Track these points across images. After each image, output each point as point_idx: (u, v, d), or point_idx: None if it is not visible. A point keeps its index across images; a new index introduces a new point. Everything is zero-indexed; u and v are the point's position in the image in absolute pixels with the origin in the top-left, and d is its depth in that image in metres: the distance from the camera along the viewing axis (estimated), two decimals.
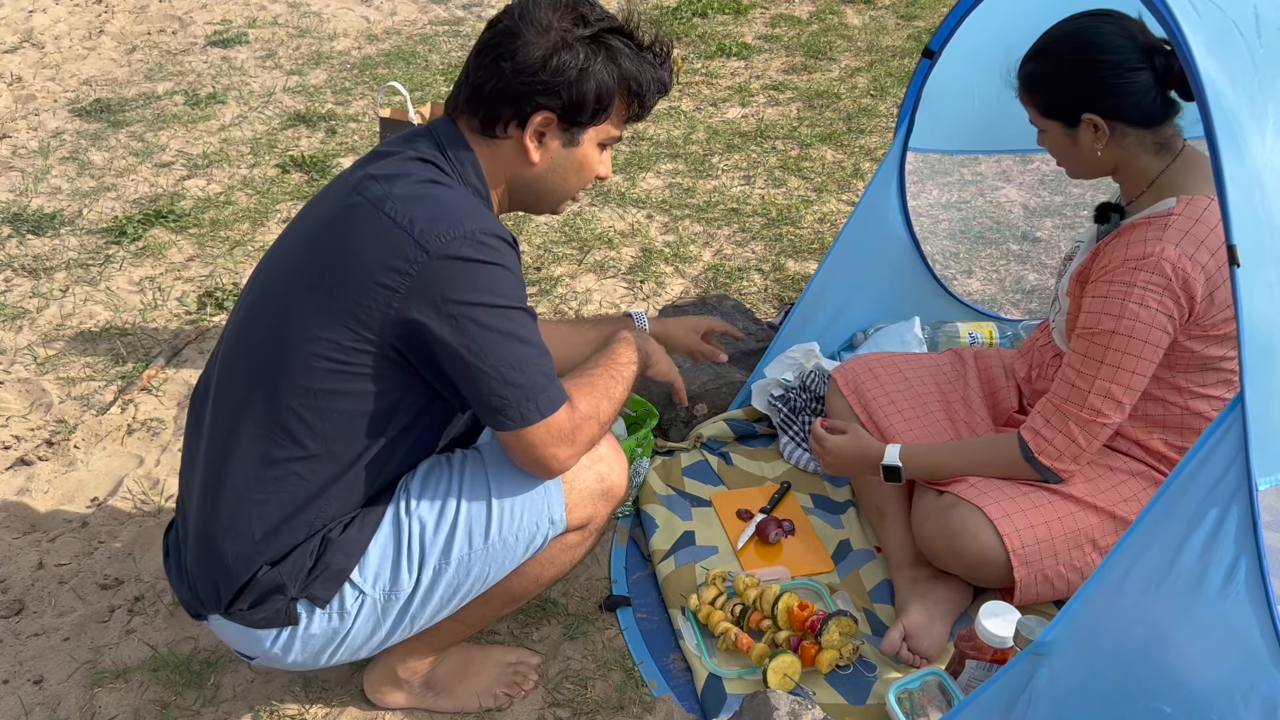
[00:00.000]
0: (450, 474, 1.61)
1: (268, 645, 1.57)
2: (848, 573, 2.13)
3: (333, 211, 1.53)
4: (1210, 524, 1.41)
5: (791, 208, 3.69)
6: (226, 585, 1.53)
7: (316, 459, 1.51)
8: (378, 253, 1.43)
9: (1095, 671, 1.51)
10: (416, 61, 5.25)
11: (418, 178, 1.50)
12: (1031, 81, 1.83)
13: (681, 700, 1.86)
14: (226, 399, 1.56)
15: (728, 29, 5.65)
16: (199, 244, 3.53)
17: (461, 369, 1.46)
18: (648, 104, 1.61)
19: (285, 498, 1.52)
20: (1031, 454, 1.84)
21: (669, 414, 2.55)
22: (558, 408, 1.51)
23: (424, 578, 1.56)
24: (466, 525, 1.56)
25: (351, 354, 1.46)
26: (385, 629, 1.60)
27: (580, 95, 1.51)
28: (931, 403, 2.17)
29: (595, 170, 1.64)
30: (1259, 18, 1.54)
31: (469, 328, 1.43)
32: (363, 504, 1.58)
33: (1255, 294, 1.38)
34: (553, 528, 1.61)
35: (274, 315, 1.52)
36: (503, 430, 1.50)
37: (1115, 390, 1.76)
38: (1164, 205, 1.77)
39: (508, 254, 1.47)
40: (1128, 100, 1.75)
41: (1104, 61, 1.73)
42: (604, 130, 1.60)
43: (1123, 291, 1.72)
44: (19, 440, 2.60)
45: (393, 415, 1.53)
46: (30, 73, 5.11)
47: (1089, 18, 1.78)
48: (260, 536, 1.52)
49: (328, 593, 1.54)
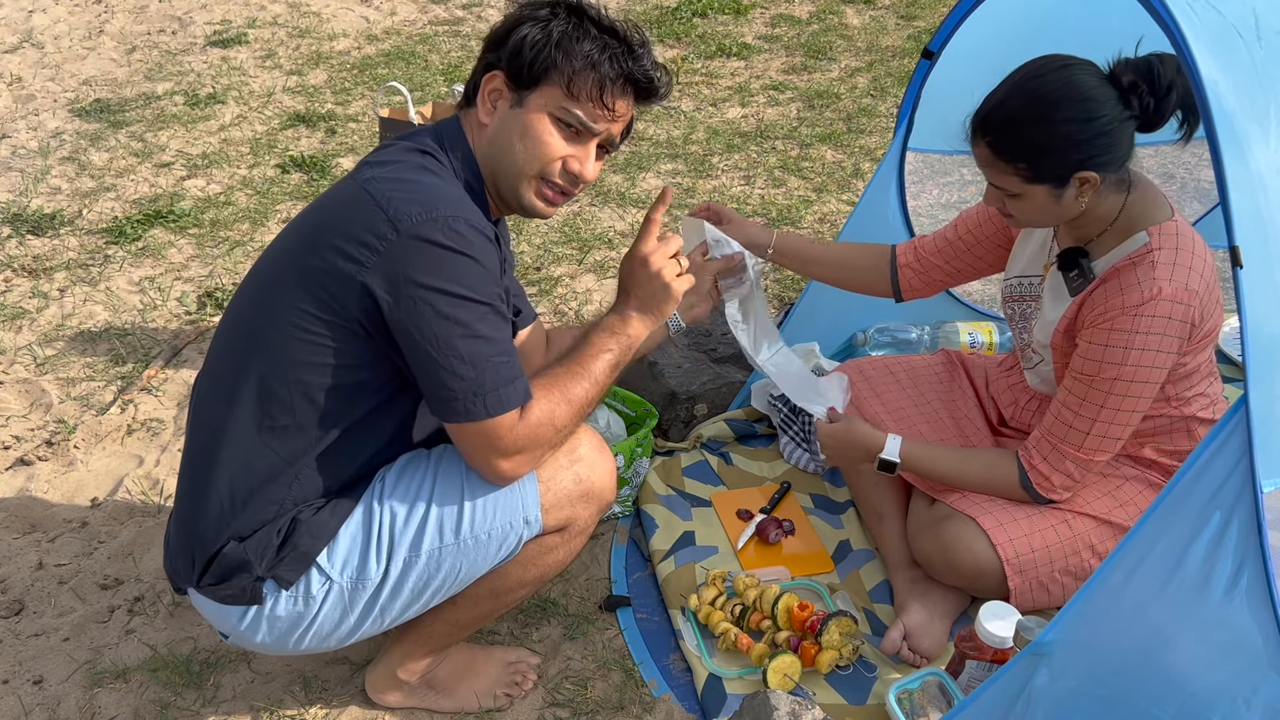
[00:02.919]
0: (427, 467, 1.61)
1: (235, 622, 1.58)
2: (848, 573, 2.13)
3: (326, 195, 1.58)
4: (1215, 527, 1.40)
5: (791, 208, 3.68)
6: (198, 555, 1.55)
7: (286, 430, 1.52)
8: (350, 226, 1.45)
9: (1095, 673, 1.51)
10: (416, 61, 5.24)
11: (409, 164, 1.53)
12: (1015, 150, 1.68)
13: (681, 700, 1.86)
14: (211, 370, 1.61)
15: (728, 29, 5.65)
16: (199, 244, 3.53)
17: (413, 352, 1.46)
18: (604, 86, 1.54)
19: (255, 469, 1.53)
20: (1030, 484, 1.85)
21: (669, 414, 2.55)
22: (507, 410, 1.48)
23: (393, 569, 1.56)
24: (438, 519, 1.56)
25: (321, 324, 1.47)
26: (353, 619, 1.59)
27: (515, 46, 1.53)
28: (922, 405, 2.18)
29: (549, 146, 1.56)
30: (1258, 20, 1.54)
31: (425, 312, 1.42)
32: (337, 490, 1.59)
33: (1259, 296, 1.37)
34: (528, 528, 1.59)
35: (258, 289, 1.56)
36: (448, 422, 1.50)
37: (1114, 430, 1.76)
38: (1138, 242, 1.74)
39: (481, 247, 1.45)
40: (1122, 150, 1.69)
41: (1100, 118, 1.63)
42: (552, 97, 1.54)
43: (1124, 339, 1.70)
44: (19, 440, 2.60)
45: (359, 393, 1.54)
46: (30, 73, 5.11)
47: (1061, 71, 1.66)
48: (229, 507, 1.53)
49: (293, 574, 1.54)
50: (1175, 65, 1.64)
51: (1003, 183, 1.73)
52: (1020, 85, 1.70)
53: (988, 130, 1.71)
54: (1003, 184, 1.73)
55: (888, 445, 1.92)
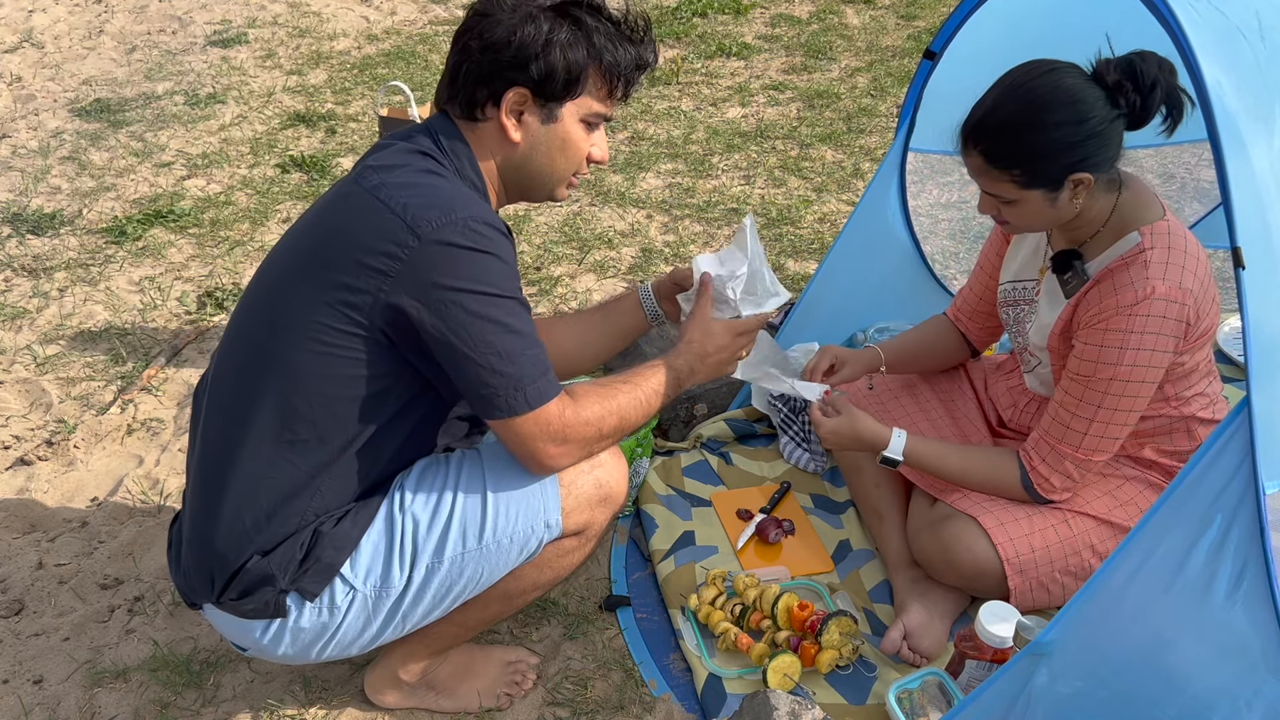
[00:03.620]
0: (447, 473, 1.61)
1: (257, 636, 1.57)
2: (848, 573, 2.13)
3: (331, 201, 1.55)
4: (1217, 529, 1.40)
5: (791, 208, 3.68)
6: (218, 573, 1.54)
7: (306, 444, 1.51)
8: (369, 237, 1.44)
9: (1096, 674, 1.51)
10: (416, 61, 5.24)
11: (414, 168, 1.51)
12: (1009, 157, 1.68)
13: (681, 700, 1.86)
14: (223, 384, 1.58)
15: (728, 29, 5.65)
16: (199, 244, 3.53)
17: (449, 355, 1.46)
18: (628, 80, 1.58)
19: (275, 484, 1.52)
20: (1031, 485, 1.85)
21: (669, 414, 2.55)
22: (547, 401, 1.50)
23: (416, 576, 1.56)
24: (461, 524, 1.56)
25: (342, 338, 1.47)
26: (376, 626, 1.59)
27: (549, 67, 1.51)
28: (923, 403, 2.18)
29: (583, 150, 1.61)
30: (1261, 20, 1.54)
31: (457, 314, 1.43)
32: (356, 498, 1.58)
33: (1261, 297, 1.37)
34: (548, 531, 1.60)
35: (270, 301, 1.54)
36: (491, 419, 1.51)
37: (1112, 430, 1.76)
38: (1130, 242, 1.74)
39: (500, 243, 1.46)
40: (1112, 150, 1.69)
41: (1091, 119, 1.64)
42: (584, 105, 1.57)
43: (1119, 339, 1.70)
44: (19, 440, 2.60)
45: (383, 403, 1.53)
46: (30, 73, 5.11)
47: (1048, 75, 1.66)
48: (251, 523, 1.52)
49: (317, 586, 1.53)
50: (1156, 61, 1.65)
51: (997, 190, 1.73)
52: (1009, 92, 1.70)
53: (980, 139, 1.71)
54: (997, 191, 1.73)
55: (892, 442, 1.91)
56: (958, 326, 2.23)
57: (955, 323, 2.24)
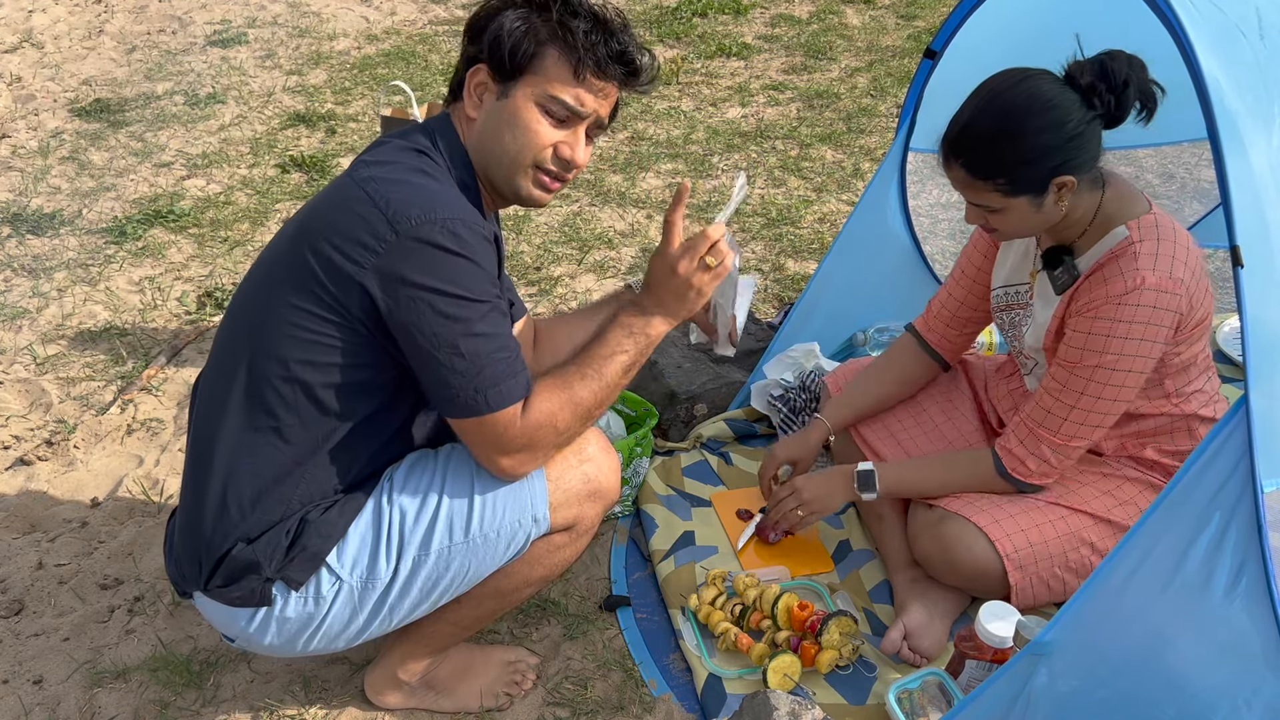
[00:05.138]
0: (435, 466, 1.61)
1: (244, 625, 1.57)
2: (848, 573, 2.13)
3: (324, 193, 1.57)
4: (1215, 528, 1.40)
5: (791, 208, 3.68)
6: (205, 559, 1.55)
7: (290, 430, 1.52)
8: (350, 227, 1.45)
9: (1095, 674, 1.51)
10: (416, 61, 5.24)
11: (406, 165, 1.52)
12: (991, 167, 1.69)
13: (681, 700, 1.86)
14: (211, 372, 1.60)
15: (728, 29, 5.65)
16: (199, 244, 3.53)
17: (414, 351, 1.47)
18: (598, 64, 1.53)
19: (260, 470, 1.53)
20: (1005, 470, 1.85)
21: (669, 414, 2.55)
22: (509, 404, 1.48)
23: (402, 568, 1.56)
24: (448, 517, 1.56)
25: (322, 323, 1.48)
26: (363, 619, 1.59)
27: (496, 38, 1.52)
28: (916, 410, 2.19)
29: (537, 134, 1.55)
30: (1261, 19, 1.54)
31: (424, 311, 1.43)
32: (345, 489, 1.59)
33: (1260, 296, 1.37)
34: (536, 526, 1.60)
35: (258, 289, 1.56)
36: (451, 418, 1.51)
37: (1092, 418, 1.77)
38: (1118, 236, 1.76)
39: (479, 248, 1.46)
40: (1092, 150, 1.70)
41: (1069, 122, 1.65)
42: (540, 86, 1.54)
43: (1107, 327, 1.71)
44: (19, 440, 2.60)
45: (363, 391, 1.54)
46: (30, 73, 5.11)
47: (1023, 83, 1.68)
48: (236, 509, 1.53)
49: (303, 575, 1.54)
50: (1126, 59, 1.67)
51: (983, 200, 1.74)
52: (986, 103, 1.71)
53: (960, 152, 1.72)
54: (983, 201, 1.74)
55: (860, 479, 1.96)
56: (927, 340, 2.19)
57: (925, 335, 2.20)
